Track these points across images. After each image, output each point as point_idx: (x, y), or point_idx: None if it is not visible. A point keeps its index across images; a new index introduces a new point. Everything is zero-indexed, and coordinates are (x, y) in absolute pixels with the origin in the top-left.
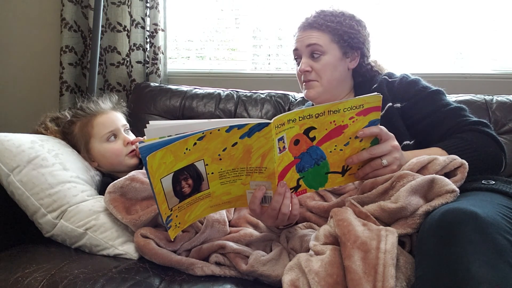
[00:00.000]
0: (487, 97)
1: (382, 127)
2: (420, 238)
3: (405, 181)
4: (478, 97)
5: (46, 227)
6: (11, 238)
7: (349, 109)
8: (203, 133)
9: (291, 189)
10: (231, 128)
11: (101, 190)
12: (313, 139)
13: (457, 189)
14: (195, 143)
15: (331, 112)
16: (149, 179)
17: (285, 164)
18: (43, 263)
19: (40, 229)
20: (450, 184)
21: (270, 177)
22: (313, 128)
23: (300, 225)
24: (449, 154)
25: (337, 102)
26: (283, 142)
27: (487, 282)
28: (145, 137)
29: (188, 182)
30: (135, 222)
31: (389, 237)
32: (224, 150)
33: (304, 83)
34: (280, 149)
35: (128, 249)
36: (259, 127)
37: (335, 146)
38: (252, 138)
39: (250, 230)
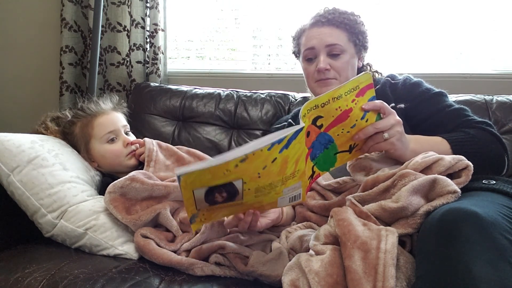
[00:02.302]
0: (487, 97)
1: (384, 102)
2: (420, 237)
3: (406, 180)
4: (478, 97)
5: (46, 227)
6: (11, 238)
7: (349, 92)
8: (246, 155)
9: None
10: (272, 145)
11: (101, 190)
12: (320, 126)
13: (459, 190)
14: (236, 165)
15: (335, 99)
16: (180, 188)
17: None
18: (43, 263)
19: (40, 229)
20: (452, 185)
21: (301, 177)
22: (319, 117)
23: (300, 225)
24: (451, 145)
25: (336, 88)
26: None
27: (488, 281)
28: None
29: (222, 195)
30: (135, 222)
31: (390, 237)
32: (264, 168)
33: (318, 81)
34: None
35: (128, 249)
36: (296, 134)
37: (342, 129)
38: (289, 149)
39: None
